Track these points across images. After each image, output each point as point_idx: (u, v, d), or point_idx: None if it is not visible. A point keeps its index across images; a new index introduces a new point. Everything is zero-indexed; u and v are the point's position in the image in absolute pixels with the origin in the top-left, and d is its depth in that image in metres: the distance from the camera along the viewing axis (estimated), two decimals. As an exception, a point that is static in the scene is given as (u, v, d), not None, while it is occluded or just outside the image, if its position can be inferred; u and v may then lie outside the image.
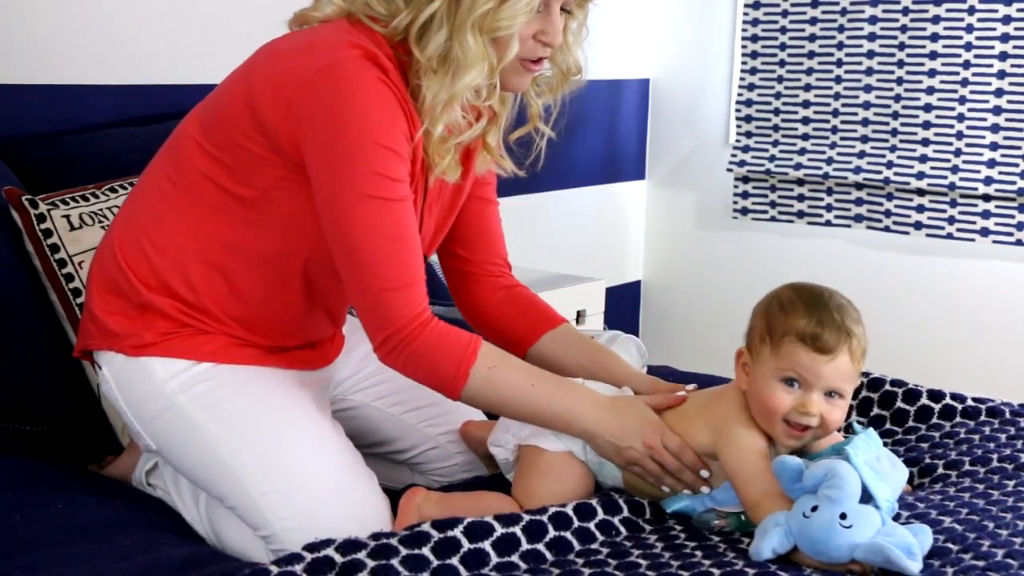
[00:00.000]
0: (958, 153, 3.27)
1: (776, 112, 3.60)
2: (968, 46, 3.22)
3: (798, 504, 1.40)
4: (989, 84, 3.21)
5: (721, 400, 1.60)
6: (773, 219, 3.65)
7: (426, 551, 1.37)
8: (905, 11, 3.31)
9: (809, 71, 3.52)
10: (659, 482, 1.58)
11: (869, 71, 3.40)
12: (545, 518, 1.48)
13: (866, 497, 1.40)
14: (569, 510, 1.51)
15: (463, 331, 1.59)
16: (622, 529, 1.54)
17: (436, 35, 1.54)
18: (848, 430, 1.79)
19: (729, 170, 3.68)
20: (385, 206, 1.53)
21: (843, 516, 1.36)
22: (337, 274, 1.62)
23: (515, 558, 1.42)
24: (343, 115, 1.50)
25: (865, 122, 3.43)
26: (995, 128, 3.22)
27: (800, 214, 3.59)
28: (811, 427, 1.51)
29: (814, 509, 1.37)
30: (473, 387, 1.57)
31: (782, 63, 3.57)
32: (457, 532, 1.41)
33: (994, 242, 3.26)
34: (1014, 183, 3.19)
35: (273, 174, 1.58)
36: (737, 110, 3.68)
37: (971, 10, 3.20)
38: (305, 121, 1.52)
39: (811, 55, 3.50)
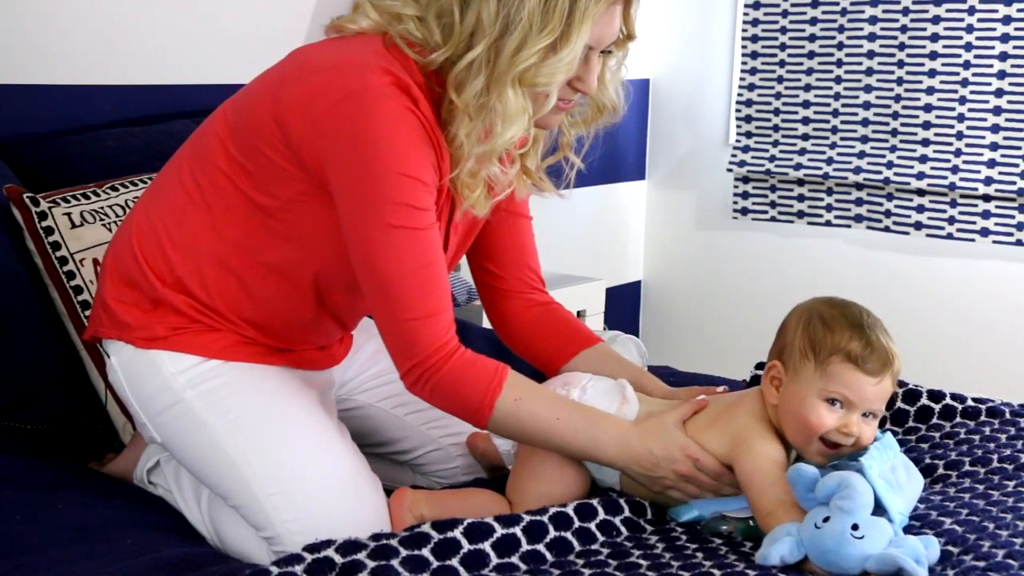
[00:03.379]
0: (958, 153, 3.27)
1: (776, 112, 3.60)
2: (968, 46, 3.22)
3: (810, 515, 1.40)
4: (989, 84, 3.21)
5: (737, 409, 1.59)
6: (773, 219, 3.65)
7: (426, 552, 1.37)
8: (905, 11, 3.31)
9: (809, 71, 3.52)
10: (693, 497, 1.58)
11: (869, 71, 3.40)
12: (545, 519, 1.48)
13: (879, 510, 1.40)
14: (570, 510, 1.51)
15: (489, 360, 1.58)
16: (623, 529, 1.53)
17: (473, 81, 1.51)
18: None
19: (729, 170, 3.68)
20: (411, 236, 1.51)
21: (855, 527, 1.36)
22: (349, 289, 1.62)
23: (515, 559, 1.42)
24: (369, 143, 1.49)
25: (865, 122, 3.43)
26: (995, 128, 3.22)
27: (800, 214, 3.59)
28: (845, 445, 1.50)
29: (826, 520, 1.37)
30: (499, 418, 1.56)
31: (782, 63, 3.56)
32: (457, 533, 1.41)
33: (994, 242, 3.26)
34: (1014, 183, 3.19)
35: (295, 187, 1.57)
36: (737, 110, 3.68)
37: (971, 10, 3.20)
38: (331, 142, 1.51)
39: (811, 55, 3.50)
